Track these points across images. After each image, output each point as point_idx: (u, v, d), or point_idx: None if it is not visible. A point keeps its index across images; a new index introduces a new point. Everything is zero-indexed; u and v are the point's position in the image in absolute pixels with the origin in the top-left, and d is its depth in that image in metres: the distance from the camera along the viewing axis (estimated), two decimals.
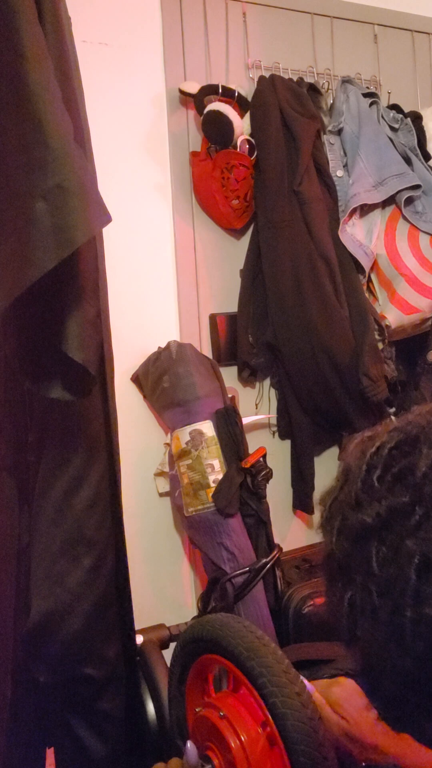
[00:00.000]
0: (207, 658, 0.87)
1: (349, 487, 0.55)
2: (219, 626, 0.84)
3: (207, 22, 1.71)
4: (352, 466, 0.56)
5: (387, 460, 0.53)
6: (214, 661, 0.86)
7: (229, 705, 0.80)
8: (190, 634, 0.90)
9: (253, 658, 0.77)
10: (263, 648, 0.78)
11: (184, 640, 0.92)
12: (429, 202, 1.73)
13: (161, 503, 1.67)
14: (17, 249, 0.90)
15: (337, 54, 1.89)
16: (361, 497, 0.53)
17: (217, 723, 0.79)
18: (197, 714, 0.86)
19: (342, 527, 0.55)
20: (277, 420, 1.82)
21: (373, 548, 0.51)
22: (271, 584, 1.53)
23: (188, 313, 1.70)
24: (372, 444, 0.56)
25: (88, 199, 0.90)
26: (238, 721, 0.78)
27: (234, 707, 0.80)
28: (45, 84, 0.89)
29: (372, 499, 0.52)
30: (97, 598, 1.12)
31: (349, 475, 0.56)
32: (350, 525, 0.53)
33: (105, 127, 1.53)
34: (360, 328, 1.64)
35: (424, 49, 2.04)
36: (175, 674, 0.94)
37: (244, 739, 0.77)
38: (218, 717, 0.79)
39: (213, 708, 0.81)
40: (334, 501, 0.57)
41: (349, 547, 0.54)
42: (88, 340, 0.98)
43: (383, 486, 0.52)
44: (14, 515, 1.13)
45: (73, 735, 1.14)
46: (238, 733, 0.77)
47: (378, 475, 0.53)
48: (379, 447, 0.54)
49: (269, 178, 1.62)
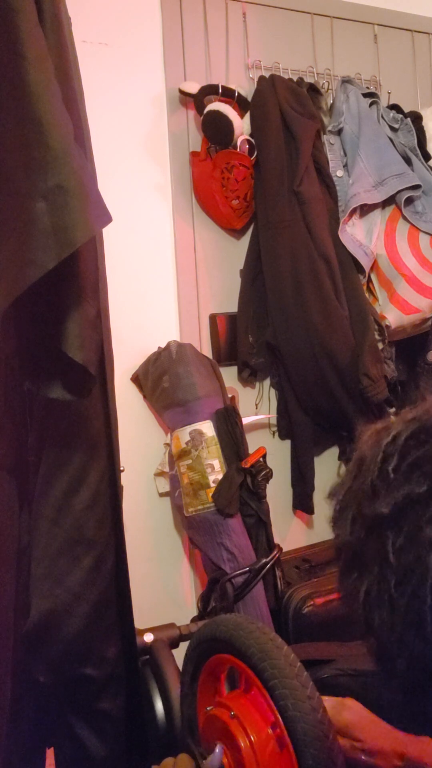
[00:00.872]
0: (220, 657, 0.88)
1: (364, 477, 0.55)
2: (233, 627, 0.84)
3: (207, 22, 1.71)
4: (367, 456, 0.56)
5: (403, 449, 0.53)
6: (227, 661, 0.87)
7: (240, 705, 0.80)
8: (205, 633, 0.90)
9: (266, 660, 0.77)
10: (276, 650, 0.78)
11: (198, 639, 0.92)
12: (429, 202, 1.73)
13: (161, 503, 1.67)
14: (17, 249, 0.89)
15: (337, 54, 1.89)
16: (377, 486, 0.53)
17: (227, 722, 0.79)
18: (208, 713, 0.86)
19: (357, 517, 0.54)
20: (277, 420, 1.82)
21: (390, 537, 0.50)
22: (271, 584, 1.53)
23: (188, 313, 1.70)
24: (387, 434, 0.55)
25: (88, 199, 0.90)
26: (248, 721, 0.78)
27: (245, 708, 0.80)
28: (45, 84, 0.89)
29: (388, 488, 0.52)
30: (97, 598, 1.12)
31: (363, 465, 0.56)
32: (366, 514, 0.53)
33: (105, 127, 1.53)
34: (360, 328, 1.64)
35: (424, 49, 2.04)
36: (188, 672, 0.95)
37: (254, 739, 0.77)
38: (229, 717, 0.80)
39: (224, 707, 0.82)
40: (348, 491, 0.57)
41: (364, 536, 0.53)
42: (88, 340, 0.98)
43: (400, 475, 0.51)
44: (14, 515, 1.13)
45: (73, 735, 1.14)
46: (248, 734, 0.77)
47: (395, 464, 0.52)
48: (395, 436, 0.54)
49: (269, 178, 1.62)
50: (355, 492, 0.56)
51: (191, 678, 0.94)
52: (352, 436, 1.96)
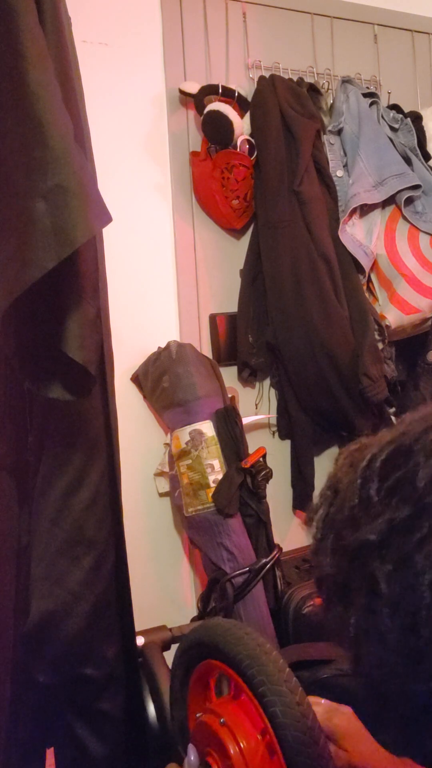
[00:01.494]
0: (209, 663, 0.87)
1: (341, 503, 0.51)
2: (221, 632, 0.83)
3: (207, 22, 1.71)
4: (342, 480, 0.52)
5: (381, 473, 0.49)
6: (216, 667, 0.86)
7: (230, 712, 0.80)
8: (192, 638, 0.90)
9: (254, 666, 0.77)
10: (265, 656, 0.77)
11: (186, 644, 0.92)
12: (429, 202, 1.73)
13: (161, 503, 1.67)
14: (17, 249, 0.90)
15: (337, 54, 1.89)
16: (356, 514, 0.49)
17: (217, 730, 0.79)
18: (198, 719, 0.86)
19: (337, 546, 0.51)
20: (277, 420, 1.82)
21: (376, 567, 0.46)
22: (271, 584, 1.53)
23: (188, 313, 1.70)
24: (362, 457, 0.51)
25: (88, 199, 0.90)
26: (238, 728, 0.78)
27: (234, 714, 0.80)
28: (45, 84, 0.89)
29: (369, 514, 0.48)
30: (96, 598, 1.12)
31: (339, 490, 0.52)
32: (347, 544, 0.49)
33: (105, 127, 1.53)
34: (360, 328, 1.64)
35: (424, 49, 2.04)
36: (178, 677, 0.94)
37: (244, 746, 0.76)
38: (218, 724, 0.79)
39: (213, 714, 0.81)
40: (326, 519, 0.53)
41: (347, 567, 0.49)
42: (88, 340, 0.98)
43: (378, 501, 0.48)
44: (14, 515, 1.13)
45: (73, 735, 1.14)
46: (238, 741, 0.77)
47: (373, 488, 0.49)
48: (371, 460, 0.50)
49: (269, 178, 1.62)
50: (333, 520, 0.52)
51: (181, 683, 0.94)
52: (352, 436, 1.97)
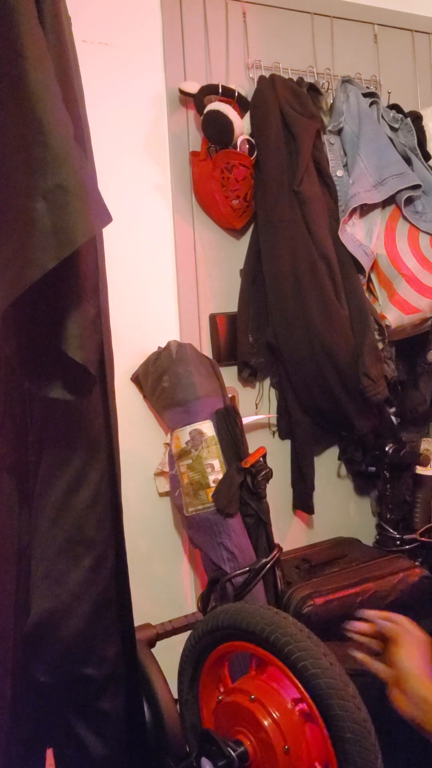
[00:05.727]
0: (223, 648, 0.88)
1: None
2: (234, 611, 0.84)
3: (207, 22, 1.71)
4: None
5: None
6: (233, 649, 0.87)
7: (258, 686, 0.81)
8: (206, 626, 0.90)
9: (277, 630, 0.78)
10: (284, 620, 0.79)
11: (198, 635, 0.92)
12: (429, 202, 1.73)
13: (161, 503, 1.68)
14: (17, 249, 0.90)
15: (337, 54, 1.89)
16: None
17: (248, 706, 0.80)
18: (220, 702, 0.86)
19: None
20: (277, 420, 1.82)
21: None
22: (271, 584, 1.53)
23: (188, 313, 1.70)
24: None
25: (89, 199, 0.90)
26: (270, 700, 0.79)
27: (263, 689, 0.80)
28: (45, 84, 0.89)
29: None
30: (97, 598, 1.12)
31: None
32: None
33: (105, 127, 1.53)
34: (360, 328, 1.64)
35: (424, 49, 2.04)
36: (187, 674, 0.94)
37: (278, 716, 0.78)
38: (249, 700, 0.80)
39: (241, 692, 0.82)
40: None
41: None
42: (88, 340, 0.98)
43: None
44: (14, 515, 1.13)
45: (73, 735, 1.14)
46: (271, 713, 0.78)
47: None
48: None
49: (269, 178, 1.62)
50: None
51: (191, 679, 0.94)
52: (352, 436, 1.96)
